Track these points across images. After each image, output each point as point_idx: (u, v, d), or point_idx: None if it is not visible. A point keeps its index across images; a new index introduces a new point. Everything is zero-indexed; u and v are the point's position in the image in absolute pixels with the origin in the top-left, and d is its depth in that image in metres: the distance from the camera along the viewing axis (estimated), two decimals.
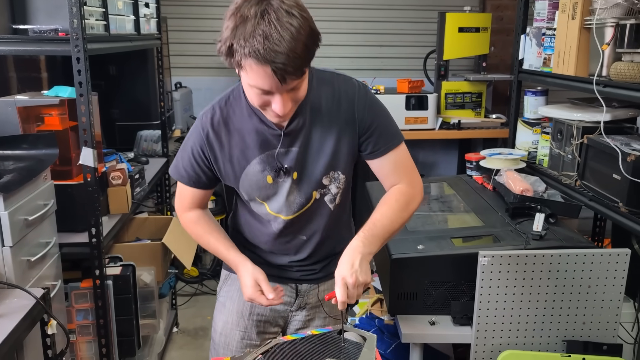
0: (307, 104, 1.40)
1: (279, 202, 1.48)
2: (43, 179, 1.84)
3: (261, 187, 1.46)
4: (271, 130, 1.41)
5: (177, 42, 3.94)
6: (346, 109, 1.43)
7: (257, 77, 1.21)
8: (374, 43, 4.14)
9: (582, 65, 2.29)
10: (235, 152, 1.43)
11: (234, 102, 1.44)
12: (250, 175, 1.45)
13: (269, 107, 1.29)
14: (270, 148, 1.42)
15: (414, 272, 1.86)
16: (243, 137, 1.42)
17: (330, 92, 1.43)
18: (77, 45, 1.85)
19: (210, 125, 1.43)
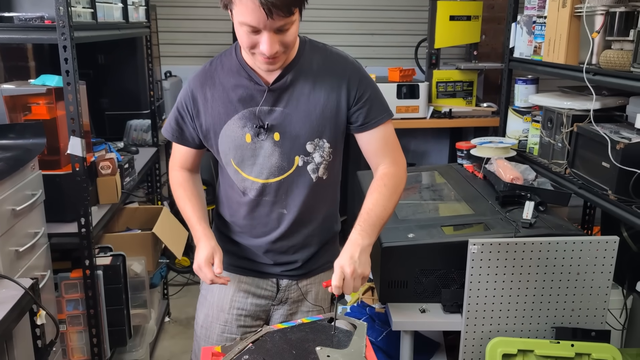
0: (296, 65, 1.43)
1: (257, 164, 1.47)
2: (31, 168, 1.82)
3: (237, 147, 1.45)
4: (257, 86, 1.42)
5: (167, 31, 3.90)
6: (338, 77, 1.44)
7: (245, 10, 1.23)
8: (365, 31, 4.12)
9: (572, 54, 2.29)
10: (218, 105, 1.45)
11: (225, 58, 1.48)
12: (229, 132, 1.45)
13: (257, 49, 1.31)
14: (253, 105, 1.43)
15: (405, 261, 1.86)
16: (227, 92, 1.44)
17: (322, 58, 1.45)
18: (64, 33, 1.83)
19: (198, 80, 1.49)
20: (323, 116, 1.44)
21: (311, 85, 1.43)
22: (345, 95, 1.44)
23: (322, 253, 1.62)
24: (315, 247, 1.60)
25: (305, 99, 1.43)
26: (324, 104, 1.44)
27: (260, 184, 1.48)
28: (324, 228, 1.61)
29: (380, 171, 1.49)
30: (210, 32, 3.97)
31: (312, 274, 1.63)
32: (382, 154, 1.50)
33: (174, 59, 3.98)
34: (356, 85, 1.44)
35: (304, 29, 1.40)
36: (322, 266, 1.62)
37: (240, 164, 1.48)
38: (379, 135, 1.48)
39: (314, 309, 1.64)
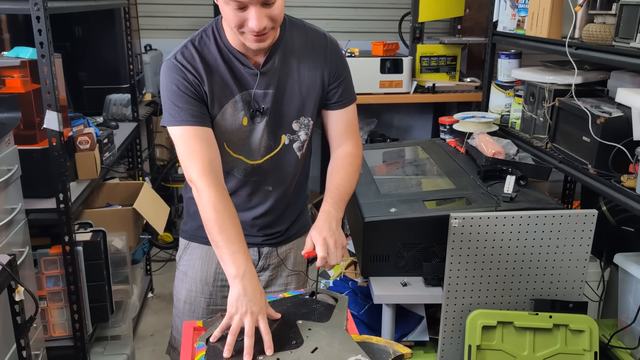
0: (281, 45, 1.42)
1: (247, 145, 1.46)
2: (5, 143, 1.78)
3: (234, 130, 1.44)
4: (248, 70, 1.41)
5: (146, 3, 3.81)
6: (319, 55, 1.46)
7: None
8: (349, 4, 4.06)
9: (555, 28, 2.28)
10: (215, 88, 1.40)
11: (208, 41, 1.41)
12: (226, 115, 1.42)
13: (246, 26, 1.28)
14: (248, 88, 1.42)
15: (387, 235, 1.87)
16: (221, 76, 1.40)
17: (303, 35, 1.46)
18: (37, 4, 1.77)
19: (187, 61, 1.38)
20: (308, 95, 1.47)
21: (296, 65, 1.45)
22: (327, 73, 1.48)
23: (299, 219, 1.67)
24: (294, 215, 1.64)
25: (291, 78, 1.44)
26: (308, 83, 1.46)
27: (249, 165, 1.49)
28: (300, 196, 1.66)
29: (345, 151, 1.52)
30: (191, 4, 3.89)
31: (290, 239, 1.66)
32: (347, 135, 1.54)
33: (154, 32, 3.90)
34: (336, 64, 1.49)
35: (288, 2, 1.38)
36: (299, 231, 1.66)
37: (233, 145, 1.47)
38: (347, 115, 1.53)
39: (293, 273, 1.67)
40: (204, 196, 1.32)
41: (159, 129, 3.73)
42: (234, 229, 1.30)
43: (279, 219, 1.59)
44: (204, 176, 1.32)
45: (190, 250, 1.62)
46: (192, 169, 1.34)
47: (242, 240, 1.30)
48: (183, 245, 1.65)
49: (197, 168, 1.33)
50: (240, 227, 1.33)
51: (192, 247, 1.62)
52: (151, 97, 3.60)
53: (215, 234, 1.30)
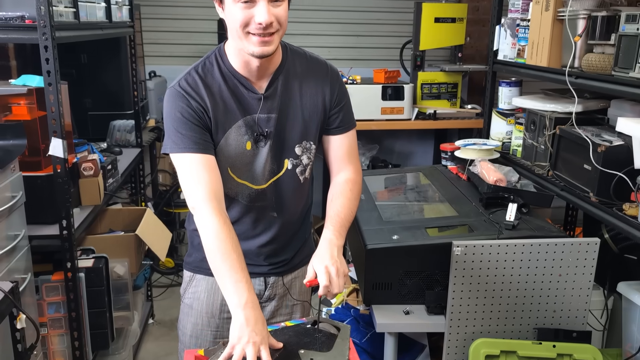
0: (283, 70, 1.45)
1: (252, 170, 1.47)
2: (11, 170, 1.79)
3: (238, 154, 1.45)
4: (251, 94, 1.43)
5: (151, 30, 3.87)
6: (320, 81, 1.49)
7: None
8: (351, 33, 4.13)
9: (555, 57, 2.31)
10: (219, 113, 1.41)
11: (211, 68, 1.44)
12: (230, 140, 1.44)
13: (252, 24, 1.29)
14: (251, 112, 1.43)
15: (389, 262, 1.87)
16: (224, 101, 1.42)
17: (304, 62, 1.49)
18: (45, 33, 1.80)
19: (190, 88, 1.40)
20: (310, 119, 1.49)
21: (298, 90, 1.47)
22: (329, 98, 1.50)
23: (304, 246, 1.67)
24: (299, 243, 1.64)
25: (294, 103, 1.47)
26: (310, 107, 1.48)
27: (253, 190, 1.50)
28: (304, 223, 1.66)
29: (345, 177, 1.54)
30: (195, 32, 3.95)
31: (295, 268, 1.66)
32: (348, 160, 1.55)
33: (158, 59, 3.96)
34: (336, 89, 1.51)
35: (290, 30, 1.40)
36: (304, 259, 1.64)
37: (237, 170, 1.48)
38: (347, 140, 1.55)
39: (297, 302, 1.66)
40: (207, 223, 1.32)
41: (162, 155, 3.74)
42: (236, 258, 1.30)
43: (285, 247, 1.59)
44: (207, 203, 1.33)
45: (195, 282, 1.61)
46: (195, 196, 1.34)
47: (245, 269, 1.30)
48: (187, 277, 1.63)
49: (199, 195, 1.33)
50: (242, 256, 1.33)
51: (197, 279, 1.61)
52: (155, 123, 3.64)
53: (217, 262, 1.30)
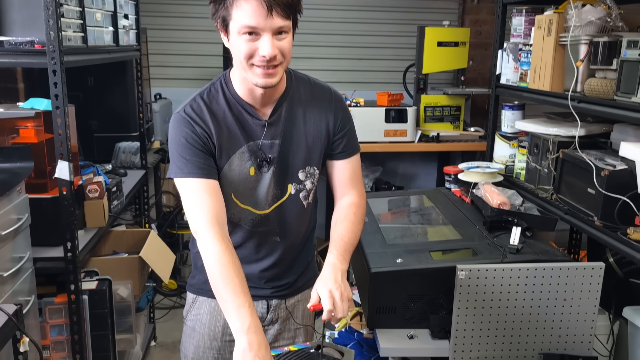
0: (287, 97, 1.46)
1: (255, 195, 1.48)
2: (17, 192, 1.80)
3: (241, 180, 1.46)
4: (255, 120, 1.44)
5: (157, 53, 3.92)
6: (324, 107, 1.50)
7: (245, 12, 1.26)
8: (354, 56, 4.17)
9: (558, 81, 2.33)
10: (223, 139, 1.43)
11: (216, 94, 1.45)
12: (234, 166, 1.45)
13: (256, 56, 1.31)
14: (255, 138, 1.45)
15: (393, 286, 1.86)
16: (228, 127, 1.43)
17: (308, 89, 1.51)
18: (54, 58, 1.83)
19: (195, 114, 1.42)
20: (314, 145, 1.50)
21: (302, 116, 1.48)
22: (332, 124, 1.51)
23: (307, 270, 1.67)
24: (302, 267, 1.64)
25: (297, 129, 1.48)
26: (314, 133, 1.50)
27: (257, 215, 1.51)
28: (308, 247, 1.66)
29: (349, 200, 1.54)
30: (200, 55, 4.00)
31: (298, 291, 1.65)
32: (352, 185, 1.56)
33: (163, 81, 4.00)
34: (340, 115, 1.52)
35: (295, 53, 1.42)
36: (307, 282, 1.65)
37: (240, 196, 1.49)
38: (351, 165, 1.56)
39: (301, 326, 1.66)
40: (209, 248, 1.33)
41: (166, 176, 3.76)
42: (239, 282, 1.30)
43: (287, 270, 1.59)
44: (209, 228, 1.34)
45: (197, 304, 1.61)
46: (198, 221, 1.35)
47: (247, 293, 1.30)
48: (190, 299, 1.64)
49: (202, 220, 1.35)
50: (245, 280, 1.33)
51: (199, 301, 1.61)
52: (159, 145, 3.66)
53: (220, 286, 1.31)
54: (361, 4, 4.09)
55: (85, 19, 2.15)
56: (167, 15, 3.95)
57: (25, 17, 1.95)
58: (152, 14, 3.86)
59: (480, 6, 4.19)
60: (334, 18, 4.08)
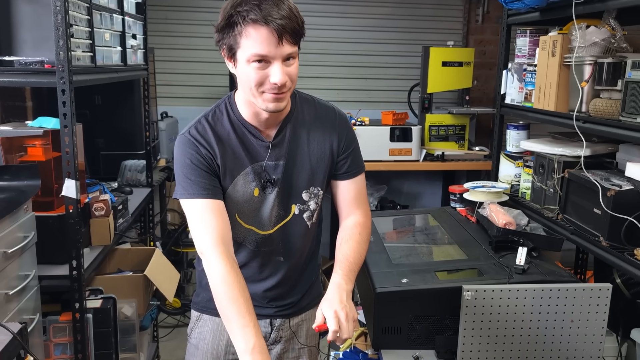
0: (292, 118, 1.48)
1: (259, 216, 1.49)
2: (24, 210, 1.81)
3: (245, 201, 1.47)
4: (259, 142, 1.45)
5: (164, 72, 3.96)
6: (329, 128, 1.51)
7: (255, 41, 1.27)
8: (360, 76, 4.20)
9: (562, 101, 2.34)
10: (227, 161, 1.44)
11: (221, 116, 1.47)
12: (238, 187, 1.46)
13: (266, 84, 1.32)
14: (259, 159, 1.46)
15: (399, 306, 1.85)
16: (233, 149, 1.45)
17: (312, 110, 1.52)
18: (63, 77, 1.85)
19: (200, 136, 1.43)
20: (317, 165, 1.51)
21: (306, 137, 1.50)
22: (336, 145, 1.52)
23: (311, 289, 1.67)
24: (306, 286, 1.65)
25: (301, 150, 1.49)
26: (318, 154, 1.51)
27: (260, 235, 1.51)
28: (312, 266, 1.67)
29: (354, 220, 1.55)
30: (206, 74, 4.04)
31: (302, 310, 1.65)
32: (356, 204, 1.57)
33: (170, 100, 4.03)
34: (344, 136, 1.54)
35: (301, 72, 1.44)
36: (312, 302, 1.65)
37: (244, 216, 1.50)
38: (356, 185, 1.56)
39: (305, 346, 1.65)
40: (214, 268, 1.34)
41: (171, 194, 3.78)
42: (244, 302, 1.31)
43: (291, 290, 1.59)
44: (215, 248, 1.35)
45: (201, 322, 1.61)
46: (203, 241, 1.36)
47: (252, 313, 1.31)
48: (195, 317, 1.64)
49: (207, 240, 1.36)
50: (250, 300, 1.33)
51: (203, 319, 1.61)
52: (165, 163, 3.68)
53: (225, 306, 1.31)
54: (366, 25, 4.14)
55: (94, 39, 2.18)
56: (174, 35, 4.00)
57: (35, 37, 1.98)
58: (159, 34, 3.91)
59: (485, 27, 4.22)
60: (340, 38, 4.12)
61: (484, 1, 4.13)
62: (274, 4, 1.27)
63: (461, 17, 4.21)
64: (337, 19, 4.10)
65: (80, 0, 2.04)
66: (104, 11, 2.34)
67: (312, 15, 4.04)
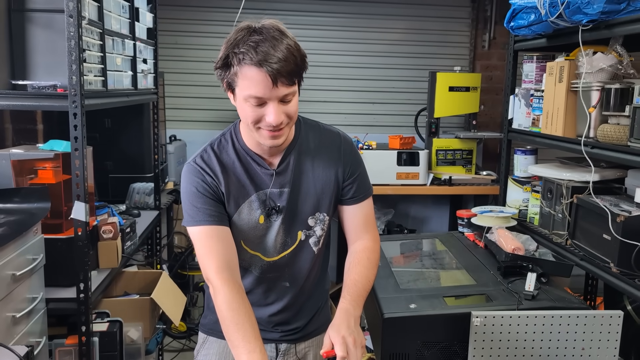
0: (296, 145, 1.48)
1: (264, 243, 1.49)
2: (33, 233, 1.82)
3: (250, 228, 1.48)
4: (264, 170, 1.46)
5: (173, 96, 4.00)
6: (333, 153, 1.51)
7: (250, 83, 1.28)
8: (367, 100, 4.23)
9: (570, 126, 2.34)
10: (232, 189, 1.45)
11: (226, 145, 1.48)
12: (243, 215, 1.46)
13: (263, 122, 1.33)
14: (264, 187, 1.47)
15: (407, 332, 1.83)
16: (238, 177, 1.46)
17: (317, 135, 1.52)
18: (75, 101, 1.88)
19: (205, 164, 1.45)
20: (322, 192, 1.51)
21: (311, 164, 1.50)
22: (341, 171, 1.52)
23: (319, 314, 1.66)
24: (312, 311, 1.64)
25: (306, 177, 1.49)
26: (323, 181, 1.50)
27: (265, 262, 1.52)
28: (319, 291, 1.65)
29: (362, 245, 1.54)
30: (215, 97, 4.07)
31: (309, 336, 1.64)
32: (364, 229, 1.56)
33: (179, 123, 4.07)
34: (350, 161, 1.53)
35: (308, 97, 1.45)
36: (319, 328, 1.64)
37: (250, 243, 1.50)
38: (363, 209, 1.56)
39: None
40: (220, 295, 1.35)
41: (179, 216, 3.78)
42: (250, 327, 1.32)
43: (297, 315, 1.59)
44: (220, 274, 1.36)
45: (207, 344, 1.61)
46: (209, 268, 1.38)
47: (258, 338, 1.31)
48: (201, 339, 1.64)
49: (213, 267, 1.37)
50: (257, 325, 1.34)
51: (209, 341, 1.61)
52: (173, 186, 3.69)
53: (231, 332, 1.32)
54: (374, 50, 4.18)
55: (106, 64, 2.21)
56: (183, 60, 4.05)
57: (49, 62, 2.01)
58: (169, 58, 3.96)
59: (491, 52, 4.25)
60: (347, 63, 4.16)
61: (490, 27, 4.17)
62: (272, 45, 1.26)
63: (467, 43, 4.24)
64: (344, 44, 4.14)
65: (94, 26, 2.08)
66: (116, 36, 2.38)
67: (319, 41, 4.10)
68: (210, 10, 4.02)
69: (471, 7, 4.21)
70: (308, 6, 4.08)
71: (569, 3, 2.08)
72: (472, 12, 4.20)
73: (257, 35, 1.27)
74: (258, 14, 3.90)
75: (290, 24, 4.45)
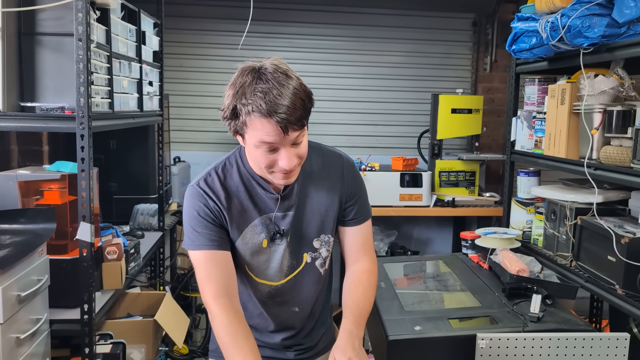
0: (300, 170, 1.47)
1: (270, 268, 1.49)
2: (39, 253, 1.83)
3: (254, 252, 1.48)
4: (268, 194, 1.46)
5: (178, 118, 4.03)
6: (336, 175, 1.52)
7: (261, 132, 1.27)
8: (370, 122, 4.25)
9: (573, 148, 2.35)
10: (235, 213, 1.45)
11: (230, 169, 1.48)
12: (247, 239, 1.47)
13: (276, 166, 1.34)
14: (268, 211, 1.47)
15: (412, 354, 1.82)
16: (241, 201, 1.46)
17: (320, 158, 1.52)
18: (82, 123, 1.90)
19: (209, 188, 1.45)
20: (326, 214, 1.52)
21: (315, 187, 1.51)
22: (344, 192, 1.53)
23: (327, 333, 1.68)
24: (322, 329, 1.66)
25: (310, 200, 1.50)
26: (327, 203, 1.51)
27: (272, 287, 1.52)
28: (326, 310, 1.68)
29: (362, 267, 1.55)
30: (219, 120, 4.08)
31: (320, 353, 1.66)
32: (363, 251, 1.57)
33: (183, 145, 4.09)
34: (351, 183, 1.54)
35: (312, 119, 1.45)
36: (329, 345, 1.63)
37: (254, 269, 1.51)
38: (362, 232, 1.57)
39: None
40: (217, 320, 1.37)
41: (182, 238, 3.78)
42: (249, 350, 1.34)
43: (307, 336, 1.60)
44: (217, 300, 1.38)
45: None
46: (207, 293, 1.39)
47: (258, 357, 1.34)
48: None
49: (211, 292, 1.38)
50: (256, 347, 1.36)
51: None
52: (177, 207, 3.70)
53: (231, 356, 1.34)
54: (377, 73, 4.21)
55: (113, 86, 2.24)
56: (188, 82, 4.09)
57: (57, 84, 2.04)
58: (174, 81, 3.99)
59: (493, 75, 4.28)
60: (350, 85, 4.20)
61: (491, 50, 4.21)
62: (279, 93, 1.24)
63: (469, 66, 4.28)
64: (347, 67, 4.18)
65: (101, 49, 2.11)
66: (123, 59, 2.42)
67: (323, 64, 4.14)
68: (214, 33, 4.07)
69: (472, 30, 4.25)
70: (312, 29, 4.13)
71: (570, 27, 2.11)
72: (474, 35, 4.25)
73: (263, 84, 1.25)
74: (262, 38, 3.96)
75: (294, 47, 4.46)
